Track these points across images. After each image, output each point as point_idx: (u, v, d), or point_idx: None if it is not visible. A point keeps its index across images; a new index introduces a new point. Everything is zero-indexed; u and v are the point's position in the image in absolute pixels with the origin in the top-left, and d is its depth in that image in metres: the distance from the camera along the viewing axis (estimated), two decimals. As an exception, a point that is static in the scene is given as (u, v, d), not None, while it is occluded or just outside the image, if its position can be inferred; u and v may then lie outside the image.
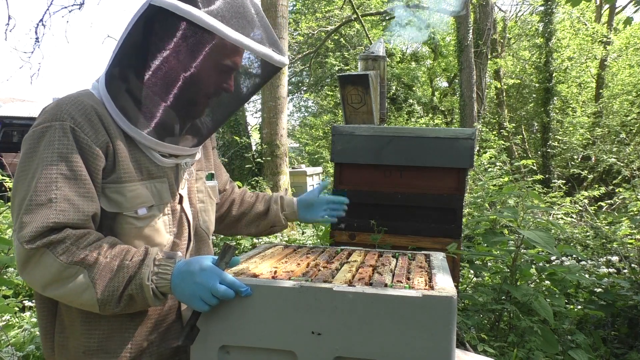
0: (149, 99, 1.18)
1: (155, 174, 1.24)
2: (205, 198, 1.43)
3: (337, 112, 17.93)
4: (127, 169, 1.18)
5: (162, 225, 1.25)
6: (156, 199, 1.23)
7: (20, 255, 1.07)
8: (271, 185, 7.60)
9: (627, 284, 3.23)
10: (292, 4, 18.57)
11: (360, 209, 2.76)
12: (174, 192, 1.29)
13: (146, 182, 1.22)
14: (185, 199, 1.33)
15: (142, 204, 1.20)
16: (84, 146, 1.12)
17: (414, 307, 1.03)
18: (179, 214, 1.30)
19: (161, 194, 1.24)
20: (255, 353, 1.11)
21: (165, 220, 1.26)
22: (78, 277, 1.06)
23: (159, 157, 1.23)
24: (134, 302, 1.09)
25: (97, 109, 1.16)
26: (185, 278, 1.08)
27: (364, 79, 3.23)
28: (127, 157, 1.18)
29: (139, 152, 1.22)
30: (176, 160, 1.27)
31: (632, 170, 9.64)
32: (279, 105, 7.72)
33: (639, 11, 4.18)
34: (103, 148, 1.15)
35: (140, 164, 1.21)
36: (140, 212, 1.20)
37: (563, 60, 15.22)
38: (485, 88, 14.83)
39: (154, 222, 1.23)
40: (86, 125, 1.13)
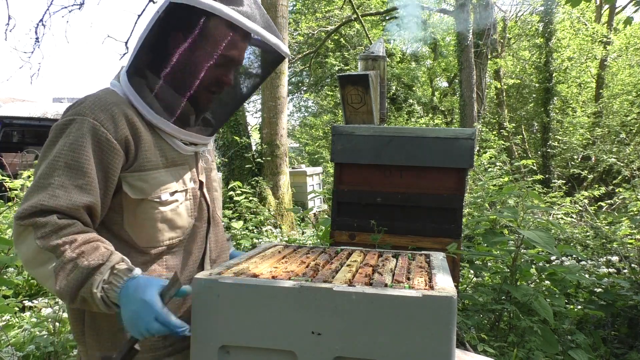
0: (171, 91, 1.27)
1: (177, 161, 1.32)
2: (217, 187, 1.53)
3: (337, 112, 17.92)
4: (151, 158, 1.25)
5: (185, 209, 1.32)
6: (179, 185, 1.31)
7: (14, 230, 1.15)
8: (271, 185, 7.60)
9: (627, 284, 3.23)
10: (292, 4, 18.57)
11: (360, 209, 2.76)
12: (195, 179, 1.37)
13: (170, 169, 1.29)
14: (204, 186, 1.41)
15: (166, 190, 1.27)
16: (102, 140, 1.18)
17: (414, 307, 1.03)
18: (199, 199, 1.38)
19: (184, 179, 1.32)
20: (255, 353, 1.11)
21: (188, 204, 1.33)
22: (48, 264, 1.10)
23: (181, 145, 1.31)
24: (87, 304, 1.11)
25: (120, 105, 1.22)
26: (128, 302, 1.09)
27: (364, 79, 3.24)
28: (151, 147, 1.25)
29: (163, 141, 1.29)
30: (195, 148, 1.35)
31: (632, 170, 9.63)
32: (279, 105, 7.72)
33: (639, 11, 4.18)
34: (122, 142, 1.20)
35: (165, 152, 1.29)
36: (163, 197, 1.26)
37: (563, 60, 15.23)
38: (485, 88, 14.83)
39: (176, 207, 1.30)
40: (106, 120, 1.19)
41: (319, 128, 19.14)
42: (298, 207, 7.67)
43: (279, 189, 7.70)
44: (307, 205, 8.91)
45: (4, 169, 6.30)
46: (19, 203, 4.19)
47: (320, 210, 9.64)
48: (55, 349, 2.60)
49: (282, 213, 7.55)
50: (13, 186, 4.65)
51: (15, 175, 5.28)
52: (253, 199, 6.83)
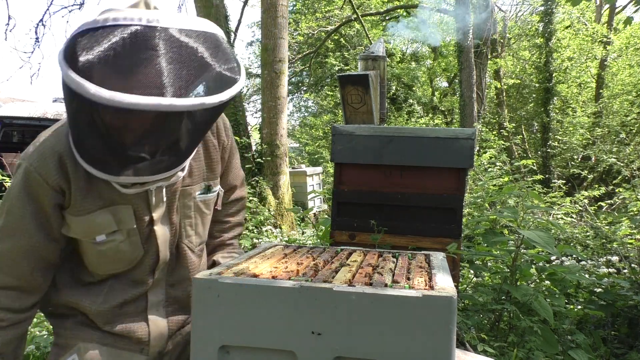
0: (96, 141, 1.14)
1: (118, 201, 1.29)
2: (192, 213, 1.44)
3: (337, 112, 17.92)
4: (85, 202, 1.27)
5: (128, 246, 1.33)
6: (120, 224, 1.31)
7: None
8: (271, 185, 7.60)
9: (627, 284, 3.23)
10: (292, 4, 18.57)
11: (360, 209, 2.76)
12: (141, 216, 1.33)
13: (110, 208, 1.29)
14: (158, 220, 1.36)
15: (100, 232, 1.29)
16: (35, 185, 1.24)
17: (414, 307, 1.03)
18: (147, 235, 1.36)
19: (124, 219, 1.31)
20: (255, 353, 1.11)
21: (134, 240, 1.34)
22: None
23: (119, 188, 1.25)
24: None
25: (58, 149, 1.24)
26: None
27: (364, 79, 3.24)
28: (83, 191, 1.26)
29: (101, 182, 1.25)
30: (142, 187, 1.26)
31: (632, 170, 9.63)
32: (279, 105, 7.72)
33: (639, 11, 4.18)
34: (56, 187, 1.25)
35: (103, 193, 1.28)
36: (98, 239, 1.30)
37: (563, 60, 15.23)
38: (485, 88, 14.84)
39: (115, 245, 1.32)
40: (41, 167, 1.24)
41: (319, 128, 19.14)
42: (298, 207, 7.68)
43: (279, 189, 7.70)
44: (307, 205, 8.91)
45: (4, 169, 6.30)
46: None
47: (320, 210, 9.64)
48: (55, 349, 2.60)
49: (282, 213, 7.55)
50: (13, 186, 4.64)
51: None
52: (253, 199, 6.83)
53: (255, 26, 20.25)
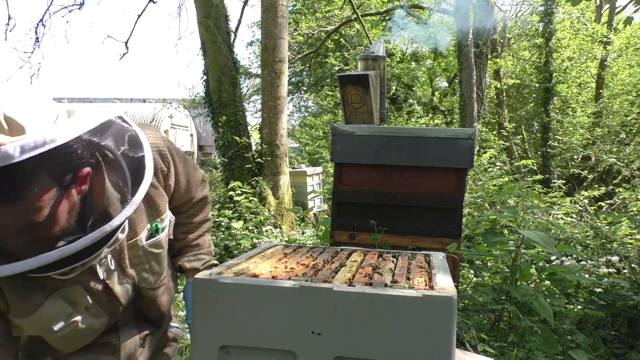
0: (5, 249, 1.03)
1: (65, 284, 1.18)
2: (144, 259, 1.35)
3: (337, 112, 17.92)
4: (24, 304, 1.15)
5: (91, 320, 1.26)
6: (74, 306, 1.22)
7: None
8: (271, 185, 7.59)
9: (627, 284, 3.23)
10: (292, 4, 18.57)
11: (360, 209, 2.76)
12: (94, 290, 1.24)
13: (58, 293, 1.18)
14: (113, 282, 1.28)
15: (56, 321, 1.19)
16: None
17: (414, 307, 1.03)
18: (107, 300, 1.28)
19: (77, 299, 1.22)
20: (255, 353, 1.11)
21: (94, 311, 1.26)
22: None
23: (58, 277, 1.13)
24: None
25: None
26: None
27: (364, 79, 3.24)
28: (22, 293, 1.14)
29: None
30: (84, 267, 1.14)
31: (632, 170, 9.63)
32: (279, 105, 7.72)
33: (639, 11, 4.18)
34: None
35: (46, 283, 1.16)
36: (56, 327, 1.20)
37: (563, 60, 15.22)
38: (485, 88, 14.83)
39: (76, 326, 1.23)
40: None
41: (319, 128, 19.14)
42: (298, 207, 7.68)
43: (279, 189, 7.70)
44: (307, 205, 8.92)
45: (4, 169, 6.29)
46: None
47: (320, 210, 9.64)
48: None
49: (282, 213, 7.55)
50: (13, 186, 4.64)
51: (15, 175, 5.27)
52: (253, 199, 6.83)
53: (255, 26, 20.25)
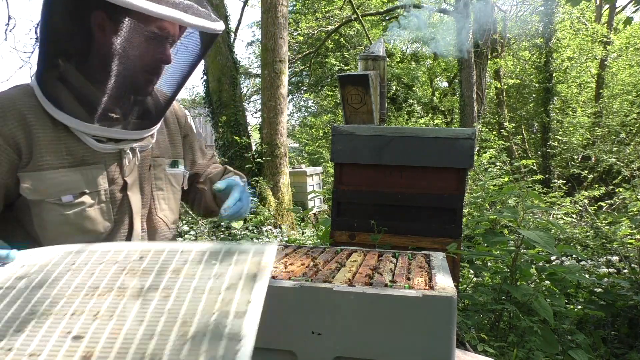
0: (76, 84, 1.16)
1: (89, 159, 1.20)
2: (164, 186, 1.38)
3: (337, 112, 17.93)
4: (48, 158, 1.16)
5: (97, 212, 1.22)
6: (89, 186, 1.19)
7: None
8: (271, 185, 7.60)
9: (627, 284, 3.23)
10: (292, 4, 18.57)
11: (360, 209, 2.76)
12: (113, 179, 1.24)
13: (78, 168, 1.18)
14: (132, 186, 1.27)
15: (67, 191, 1.17)
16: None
17: (414, 307, 1.03)
18: (119, 201, 1.26)
19: (95, 180, 1.20)
20: (255, 353, 1.11)
21: (103, 207, 1.22)
22: None
23: (93, 142, 1.18)
24: None
25: (16, 101, 1.15)
26: None
27: (364, 79, 3.24)
28: (51, 145, 1.16)
29: (71, 138, 1.18)
30: (117, 145, 1.22)
31: (632, 170, 9.64)
32: (279, 105, 7.72)
33: (639, 11, 4.19)
34: (9, 140, 1.13)
35: (72, 150, 1.18)
36: (64, 199, 1.17)
37: (563, 60, 15.23)
38: (485, 88, 14.84)
39: (83, 210, 1.19)
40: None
41: (319, 128, 19.14)
42: (298, 207, 7.68)
43: (279, 189, 7.70)
44: (307, 205, 8.92)
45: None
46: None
47: (320, 210, 9.64)
48: (55, 349, 2.60)
49: (282, 213, 7.55)
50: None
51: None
52: (253, 199, 6.82)
53: (255, 26, 20.25)
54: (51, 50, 1.16)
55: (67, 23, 1.13)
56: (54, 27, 1.14)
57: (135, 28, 1.10)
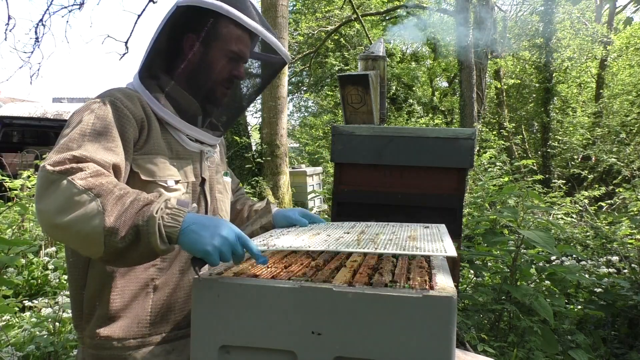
0: (179, 89, 1.39)
1: (182, 154, 1.40)
2: (222, 190, 1.58)
3: (337, 112, 17.92)
4: (159, 144, 1.33)
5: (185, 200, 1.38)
6: (182, 176, 1.38)
7: (42, 179, 1.08)
8: (271, 185, 7.60)
9: (627, 284, 3.23)
10: (292, 4, 18.58)
11: (360, 209, 2.76)
12: (198, 174, 1.44)
13: (174, 160, 1.37)
14: (207, 183, 1.47)
15: (171, 176, 1.34)
16: (121, 114, 1.26)
17: (414, 307, 1.03)
18: (198, 194, 1.44)
19: (186, 172, 1.40)
20: (255, 353, 1.11)
21: (188, 197, 1.39)
22: (90, 204, 1.04)
23: (186, 140, 1.40)
24: (138, 239, 1.04)
25: (139, 95, 1.35)
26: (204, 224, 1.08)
27: (364, 79, 3.23)
28: (160, 135, 1.34)
29: (169, 135, 1.38)
30: (201, 146, 1.45)
31: (632, 170, 9.64)
32: (279, 105, 7.72)
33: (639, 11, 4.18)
34: (138, 121, 1.29)
35: (171, 144, 1.38)
36: (169, 182, 1.33)
37: (563, 60, 15.22)
38: (485, 88, 14.83)
39: (179, 195, 1.36)
40: (126, 100, 1.29)
41: (319, 128, 19.13)
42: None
43: (279, 189, 7.70)
44: (307, 205, 8.92)
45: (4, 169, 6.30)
46: (19, 203, 4.18)
47: (320, 210, 9.64)
48: (56, 349, 2.61)
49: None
50: (13, 186, 4.65)
51: (15, 175, 5.29)
52: (253, 199, 6.83)
53: (255, 26, 20.19)
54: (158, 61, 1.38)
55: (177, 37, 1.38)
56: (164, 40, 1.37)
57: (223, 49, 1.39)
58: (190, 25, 1.36)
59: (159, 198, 1.10)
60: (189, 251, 1.09)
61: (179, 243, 1.08)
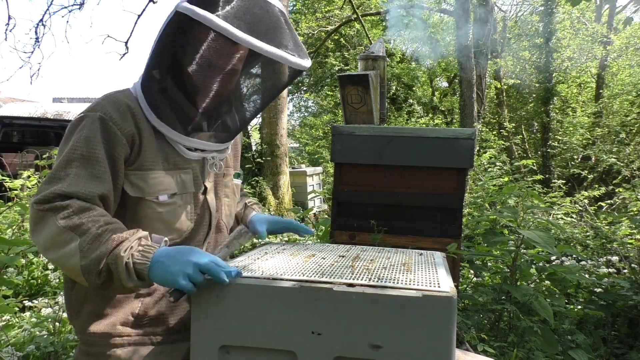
0: (175, 98, 1.32)
1: (181, 165, 1.36)
2: (230, 194, 1.56)
3: (337, 112, 17.92)
4: (151, 159, 1.30)
5: (184, 212, 1.37)
6: (179, 188, 1.35)
7: (32, 217, 1.18)
8: (271, 185, 7.60)
9: (627, 284, 3.22)
10: (292, 4, 18.57)
11: (360, 209, 2.76)
12: (199, 183, 1.41)
13: (171, 172, 1.34)
14: (210, 191, 1.44)
15: (164, 191, 1.32)
16: (109, 132, 1.24)
17: (414, 307, 1.03)
18: (201, 204, 1.41)
19: (185, 183, 1.36)
20: (255, 353, 1.11)
21: (188, 208, 1.38)
22: (70, 244, 1.12)
23: (184, 150, 1.36)
24: (111, 276, 1.11)
25: (130, 104, 1.30)
26: (172, 256, 1.11)
27: (364, 79, 3.23)
28: (153, 148, 1.31)
29: (167, 145, 1.34)
30: (202, 154, 1.39)
31: (632, 170, 9.63)
32: (279, 105, 7.72)
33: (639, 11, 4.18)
34: (128, 137, 1.27)
35: (168, 155, 1.34)
36: (161, 198, 1.31)
37: (563, 60, 15.22)
38: (485, 88, 14.83)
39: (174, 209, 1.34)
40: (115, 115, 1.26)
41: (319, 128, 19.12)
42: (298, 207, 7.68)
43: (279, 189, 7.70)
44: (307, 205, 8.92)
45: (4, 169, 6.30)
46: (19, 203, 4.18)
47: (320, 210, 9.64)
48: (56, 349, 2.60)
49: (282, 213, 7.55)
50: (13, 186, 4.64)
51: (15, 175, 5.28)
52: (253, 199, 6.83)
53: (255, 26, 20.19)
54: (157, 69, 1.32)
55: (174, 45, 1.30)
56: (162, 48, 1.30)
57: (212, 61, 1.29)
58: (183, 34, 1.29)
59: (132, 236, 1.14)
60: (162, 285, 1.13)
61: (151, 278, 1.12)
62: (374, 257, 1.43)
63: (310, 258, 1.39)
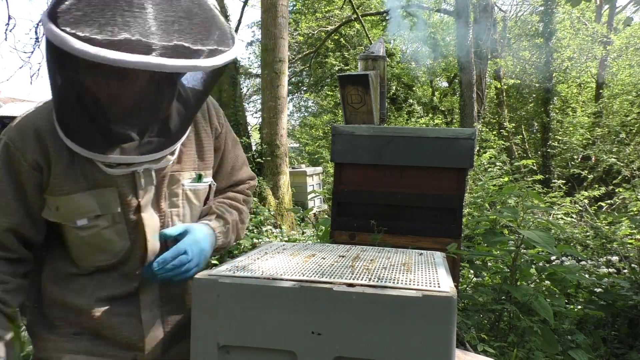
0: (78, 113, 1.13)
1: (102, 182, 1.21)
2: (180, 202, 1.34)
3: (337, 112, 17.92)
4: (63, 183, 1.20)
5: (113, 233, 1.25)
6: (102, 209, 1.22)
7: None
8: (271, 185, 7.60)
9: (627, 284, 3.23)
10: (292, 4, 18.58)
11: (360, 209, 2.76)
12: (126, 201, 1.24)
13: (92, 191, 1.21)
14: (146, 207, 1.27)
15: (83, 215, 1.22)
16: (13, 159, 1.19)
17: (414, 307, 1.03)
18: (134, 223, 1.26)
19: (109, 203, 1.23)
20: (255, 353, 1.11)
21: (119, 228, 1.25)
22: None
23: (103, 167, 1.18)
24: None
25: (39, 126, 1.19)
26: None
27: (364, 79, 3.23)
28: (65, 170, 1.19)
29: (87, 162, 1.19)
30: (129, 168, 1.19)
31: (632, 170, 9.63)
32: (279, 105, 7.72)
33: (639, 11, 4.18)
34: (32, 163, 1.19)
35: (87, 174, 1.21)
36: (79, 222, 1.22)
37: (563, 61, 15.22)
38: (485, 88, 14.83)
39: (98, 232, 1.24)
40: (18, 141, 1.19)
41: (319, 128, 19.13)
42: (298, 207, 7.68)
43: (279, 189, 7.70)
44: (307, 205, 8.92)
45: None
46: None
47: (320, 210, 9.64)
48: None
49: (282, 213, 7.55)
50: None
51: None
52: (253, 199, 6.83)
53: (255, 26, 20.24)
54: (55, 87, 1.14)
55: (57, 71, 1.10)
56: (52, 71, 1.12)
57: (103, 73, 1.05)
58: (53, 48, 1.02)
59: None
60: None
61: None
62: (374, 257, 1.42)
63: (310, 258, 1.39)
